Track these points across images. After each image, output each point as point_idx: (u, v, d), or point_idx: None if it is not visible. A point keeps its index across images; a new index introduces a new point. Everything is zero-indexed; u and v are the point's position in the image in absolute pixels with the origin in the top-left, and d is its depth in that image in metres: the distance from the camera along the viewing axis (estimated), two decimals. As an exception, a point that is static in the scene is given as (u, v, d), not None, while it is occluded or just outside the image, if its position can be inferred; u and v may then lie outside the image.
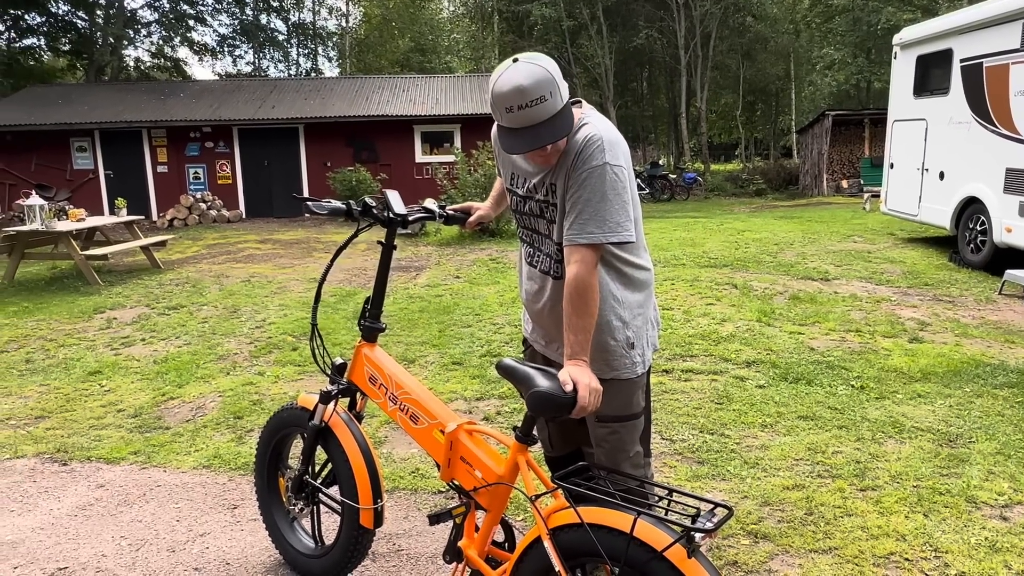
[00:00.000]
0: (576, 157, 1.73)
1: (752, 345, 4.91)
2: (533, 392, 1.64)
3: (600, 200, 1.71)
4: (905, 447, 3.31)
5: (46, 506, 2.99)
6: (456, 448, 1.90)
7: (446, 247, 10.41)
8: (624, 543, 1.46)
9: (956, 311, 5.82)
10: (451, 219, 2.26)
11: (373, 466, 2.15)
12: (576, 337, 1.71)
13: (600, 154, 1.72)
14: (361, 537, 2.19)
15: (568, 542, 1.58)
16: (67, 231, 8.08)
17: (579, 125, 1.80)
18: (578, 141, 1.76)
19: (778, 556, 2.48)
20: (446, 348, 5.10)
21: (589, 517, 1.54)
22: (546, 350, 2.10)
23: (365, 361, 2.19)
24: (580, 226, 1.72)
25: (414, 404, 2.03)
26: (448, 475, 1.93)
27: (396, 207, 2.11)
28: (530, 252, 2.03)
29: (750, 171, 23.71)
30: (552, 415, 1.70)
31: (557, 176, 1.82)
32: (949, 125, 8.13)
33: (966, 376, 4.22)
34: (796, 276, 7.26)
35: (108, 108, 16.75)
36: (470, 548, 1.87)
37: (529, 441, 1.73)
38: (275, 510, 2.46)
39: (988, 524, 2.65)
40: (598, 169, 1.71)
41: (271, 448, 2.44)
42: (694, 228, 11.48)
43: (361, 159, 16.22)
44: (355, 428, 2.21)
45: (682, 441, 3.43)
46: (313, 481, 2.33)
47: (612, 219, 1.72)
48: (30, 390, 4.54)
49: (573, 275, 1.71)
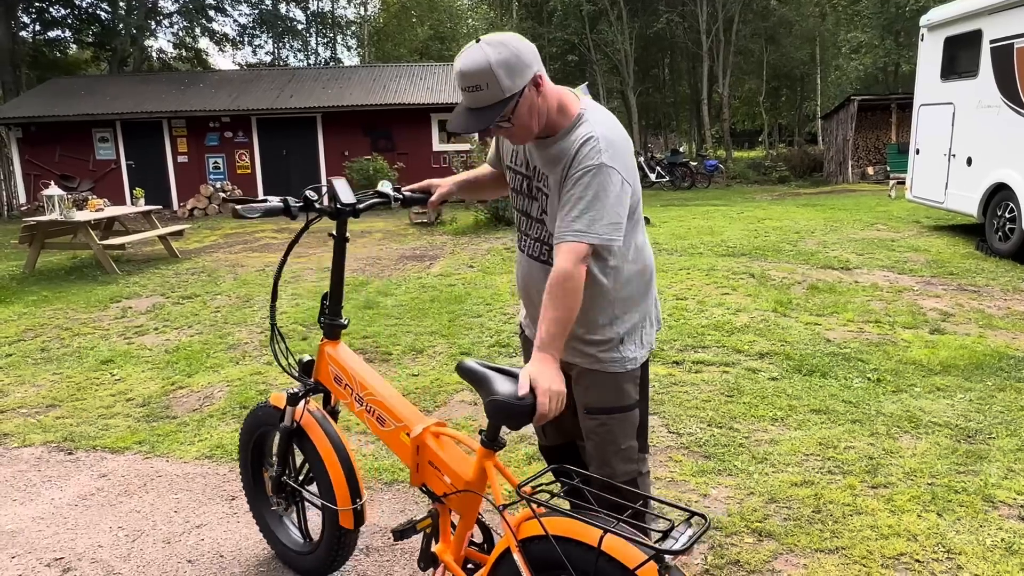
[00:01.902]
0: (574, 154, 1.71)
1: (766, 336, 4.79)
2: (490, 400, 1.57)
3: (592, 200, 1.67)
4: (921, 443, 3.19)
5: (48, 495, 3.00)
6: (423, 452, 1.83)
7: (461, 236, 10.37)
8: (593, 558, 1.39)
9: (981, 301, 5.64)
10: (409, 201, 2.11)
11: (349, 465, 2.08)
12: (549, 329, 1.65)
13: (597, 154, 1.69)
14: (344, 537, 2.15)
15: (538, 553, 1.50)
16: (86, 221, 8.17)
17: (577, 122, 1.76)
18: (576, 139, 1.73)
19: (782, 555, 2.41)
20: (455, 338, 5.06)
21: (556, 529, 1.46)
22: (531, 331, 2.04)
23: (329, 360, 2.11)
24: (569, 224, 1.68)
25: (380, 405, 1.96)
26: (418, 479, 1.86)
27: (343, 196, 1.99)
28: (520, 236, 1.98)
29: (773, 158, 23.28)
30: (512, 425, 1.62)
31: (550, 167, 1.79)
32: (977, 109, 7.87)
33: (988, 369, 4.08)
34: (816, 265, 7.10)
35: (129, 99, 16.93)
36: (446, 553, 1.81)
37: (495, 447, 1.66)
38: (263, 506, 2.43)
39: (1005, 525, 2.54)
40: (593, 169, 1.68)
41: (252, 446, 2.40)
42: (713, 216, 11.30)
43: (378, 148, 16.22)
44: (329, 427, 2.14)
45: (689, 435, 3.35)
46: (291, 482, 2.27)
47: (603, 220, 1.67)
48: (43, 379, 4.58)
49: (558, 268, 1.67)
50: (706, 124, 26.08)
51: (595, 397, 1.93)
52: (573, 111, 1.78)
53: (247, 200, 1.91)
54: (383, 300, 6.31)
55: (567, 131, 1.76)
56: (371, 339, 5.11)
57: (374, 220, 13.06)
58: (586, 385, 1.93)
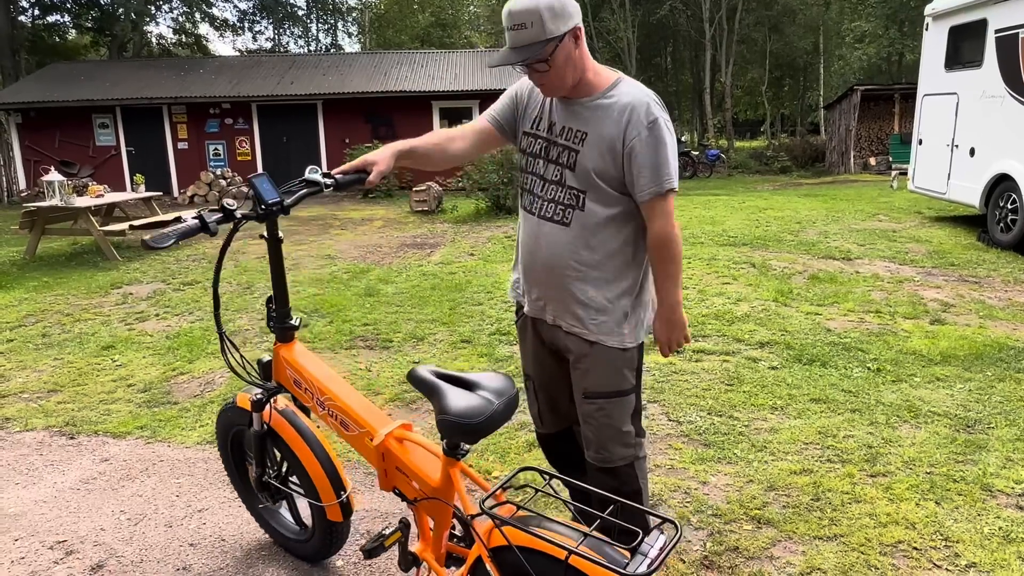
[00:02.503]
0: (632, 113, 1.80)
1: (767, 325, 4.80)
2: (441, 419, 1.54)
3: (664, 150, 1.82)
4: (920, 432, 3.20)
5: (50, 479, 3.02)
6: (388, 458, 1.79)
7: (462, 224, 10.35)
8: (561, 570, 1.36)
9: (982, 292, 5.64)
10: (341, 185, 1.90)
11: (327, 460, 2.04)
12: (665, 284, 1.88)
13: (653, 110, 1.82)
14: (334, 527, 2.14)
15: (511, 563, 1.48)
16: (86, 207, 8.15)
17: (618, 83, 1.88)
18: (628, 98, 1.83)
19: (781, 542, 2.42)
20: (456, 326, 5.06)
21: (525, 541, 1.43)
22: (541, 314, 2.01)
23: (285, 364, 2.04)
24: (654, 177, 1.81)
25: (341, 410, 1.91)
26: (388, 484, 1.83)
27: (267, 196, 1.84)
28: (531, 199, 1.98)
29: (775, 148, 23.21)
30: (468, 440, 1.59)
31: (592, 125, 1.85)
32: (981, 99, 7.83)
33: (988, 359, 4.08)
34: (817, 255, 7.09)
35: (129, 85, 16.87)
36: (426, 552, 1.79)
37: (457, 455, 1.63)
38: (254, 500, 2.40)
39: (1003, 513, 2.55)
40: (652, 124, 1.80)
41: (229, 445, 2.36)
42: (715, 206, 11.28)
43: (379, 135, 16.16)
44: (300, 424, 2.08)
45: (689, 423, 3.36)
46: (273, 481, 2.23)
47: (673, 167, 1.83)
48: (44, 364, 4.59)
49: (659, 228, 1.83)
50: (708, 113, 25.98)
51: (593, 381, 1.94)
52: (610, 74, 1.90)
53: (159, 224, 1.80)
54: (384, 288, 6.31)
55: (609, 91, 1.85)
56: (372, 326, 5.12)
57: (375, 208, 13.05)
58: (585, 368, 1.94)
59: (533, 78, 1.85)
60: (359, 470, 3.00)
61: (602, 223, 1.88)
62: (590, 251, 1.88)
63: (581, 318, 1.92)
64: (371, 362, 4.40)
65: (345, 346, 4.72)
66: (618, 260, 1.91)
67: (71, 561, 2.42)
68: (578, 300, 1.91)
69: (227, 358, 2.03)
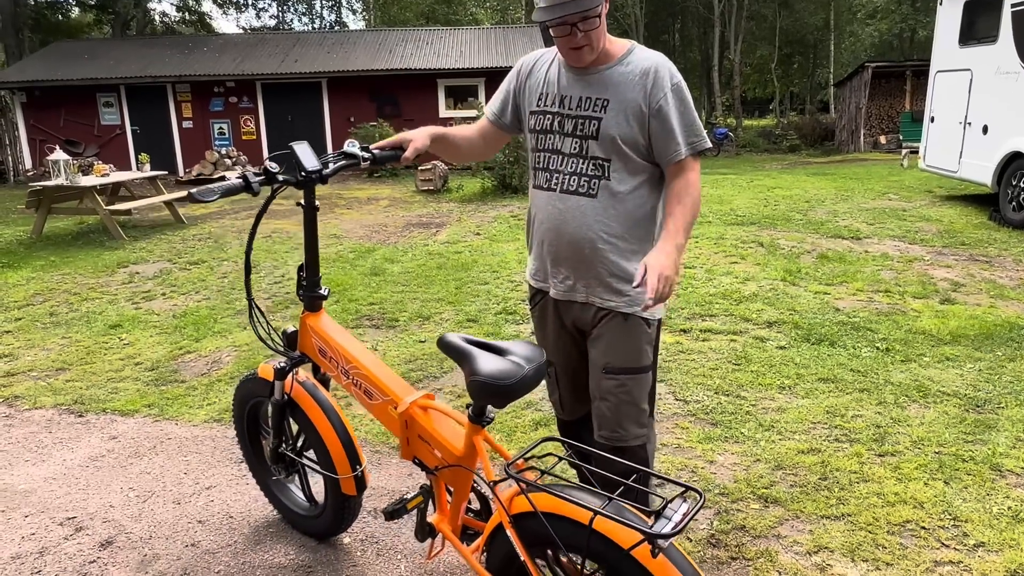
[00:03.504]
0: (654, 78, 1.81)
1: (775, 305, 4.77)
2: (472, 380, 1.53)
3: (689, 112, 1.83)
4: (929, 412, 3.18)
5: (59, 456, 3.03)
6: (412, 426, 1.80)
7: (468, 203, 10.30)
8: (585, 535, 1.37)
9: (993, 271, 5.58)
10: (378, 160, 1.95)
11: (345, 433, 2.05)
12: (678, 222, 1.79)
13: (673, 74, 1.84)
14: (347, 502, 2.15)
15: (531, 529, 1.49)
16: (91, 186, 8.14)
17: (630, 49, 1.88)
18: (646, 63, 1.83)
19: (788, 521, 2.41)
20: (462, 305, 5.05)
21: (548, 506, 1.44)
22: (571, 295, 1.95)
23: (311, 333, 2.06)
24: (687, 135, 1.82)
25: (365, 379, 1.91)
26: (409, 453, 1.84)
27: (307, 163, 1.86)
28: (549, 176, 1.92)
29: (784, 127, 22.96)
30: (497, 403, 1.58)
31: (613, 91, 1.83)
32: (996, 75, 7.69)
33: (999, 339, 4.05)
34: (826, 234, 7.03)
35: (133, 63, 16.77)
36: (443, 523, 1.80)
37: (482, 422, 1.63)
38: (265, 474, 2.42)
39: (1013, 493, 2.54)
40: (676, 86, 1.82)
41: (246, 417, 2.37)
42: (722, 185, 11.19)
43: (384, 114, 16.06)
44: (321, 396, 2.09)
45: (696, 402, 3.35)
46: (289, 452, 2.25)
47: (700, 127, 1.84)
48: (52, 343, 4.61)
49: (689, 180, 1.82)
50: (716, 91, 25.68)
51: (615, 356, 1.90)
52: (624, 44, 1.89)
53: (205, 181, 1.83)
54: (390, 267, 6.30)
55: (625, 58, 1.85)
56: (378, 305, 5.11)
57: (380, 187, 13.00)
58: (607, 344, 1.91)
59: (568, 43, 1.78)
60: (365, 448, 3.00)
61: (629, 192, 1.86)
62: (618, 221, 1.86)
63: (618, 290, 1.88)
64: (377, 341, 4.39)
65: (351, 325, 4.72)
66: (643, 230, 1.89)
67: (80, 537, 2.43)
68: (612, 272, 1.88)
69: (255, 325, 2.08)
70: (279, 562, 2.27)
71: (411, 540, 2.37)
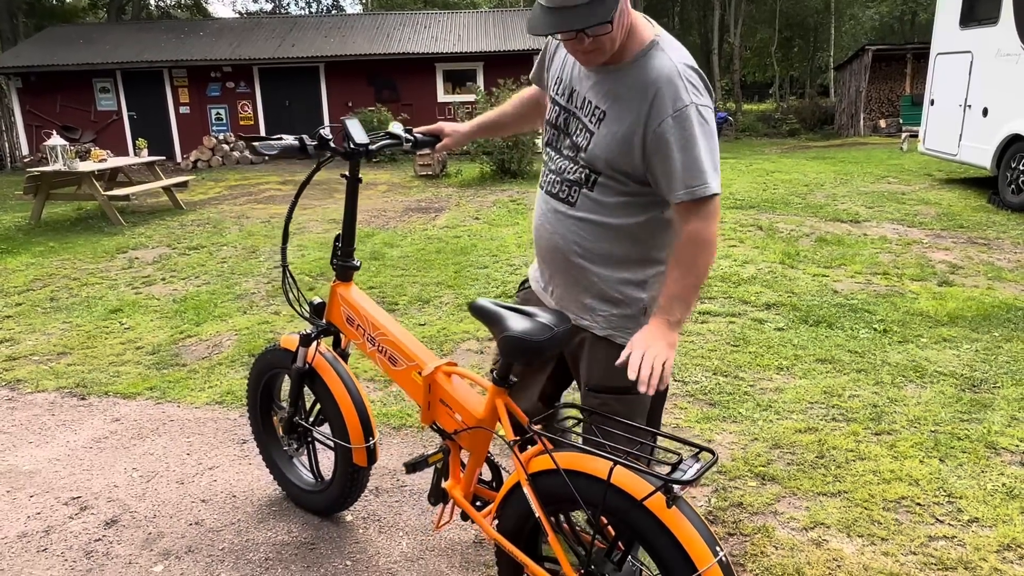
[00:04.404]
0: (653, 96, 1.46)
1: (773, 287, 4.78)
2: (504, 336, 1.55)
3: (692, 147, 1.46)
4: (926, 391, 3.21)
5: (63, 438, 3.06)
6: (434, 391, 1.84)
7: (467, 188, 10.29)
8: (602, 490, 1.41)
9: (991, 254, 5.59)
10: (419, 143, 2.07)
11: (362, 404, 2.12)
12: (673, 292, 1.51)
13: (685, 93, 1.46)
14: (356, 474, 2.19)
15: (547, 488, 1.53)
16: (89, 171, 8.12)
17: (650, 49, 1.50)
18: (657, 73, 1.47)
19: (785, 498, 2.44)
20: (461, 289, 5.07)
21: (567, 463, 1.48)
22: (541, 294, 1.83)
23: (341, 301, 2.12)
24: (684, 180, 1.48)
25: (392, 345, 1.97)
26: (429, 417, 1.88)
27: (357, 136, 1.94)
28: (543, 171, 1.77)
29: (784, 111, 22.87)
30: (525, 361, 1.61)
31: (611, 101, 1.54)
32: (996, 57, 7.66)
33: (996, 320, 4.07)
34: (825, 218, 7.03)
35: (129, 48, 16.66)
36: (455, 489, 1.85)
37: (507, 384, 1.66)
38: (272, 448, 2.46)
39: (1007, 470, 2.57)
40: (680, 113, 1.45)
41: (260, 389, 2.42)
42: (722, 169, 11.09)
43: (382, 98, 15.98)
44: (340, 368, 2.16)
45: (695, 383, 3.37)
46: (303, 422, 2.31)
47: (708, 166, 1.48)
48: (53, 327, 4.62)
49: (690, 229, 1.50)
50: (716, 75, 25.56)
51: (600, 374, 1.69)
52: (646, 35, 1.52)
53: (263, 138, 1.88)
54: (389, 251, 6.30)
55: (638, 60, 1.51)
56: (377, 289, 5.12)
57: (379, 172, 12.97)
58: (592, 359, 1.71)
59: (576, 47, 1.48)
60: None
61: (613, 206, 1.60)
62: (595, 236, 1.61)
63: (590, 309, 1.68)
64: (377, 324, 4.41)
65: (351, 309, 4.73)
66: (631, 250, 1.64)
67: (86, 516, 2.46)
68: (587, 290, 1.67)
69: (287, 292, 2.18)
70: (282, 539, 2.30)
71: (413, 517, 2.40)
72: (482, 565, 2.15)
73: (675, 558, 1.35)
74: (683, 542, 1.34)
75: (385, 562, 2.19)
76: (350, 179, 2.03)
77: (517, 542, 1.63)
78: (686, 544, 1.34)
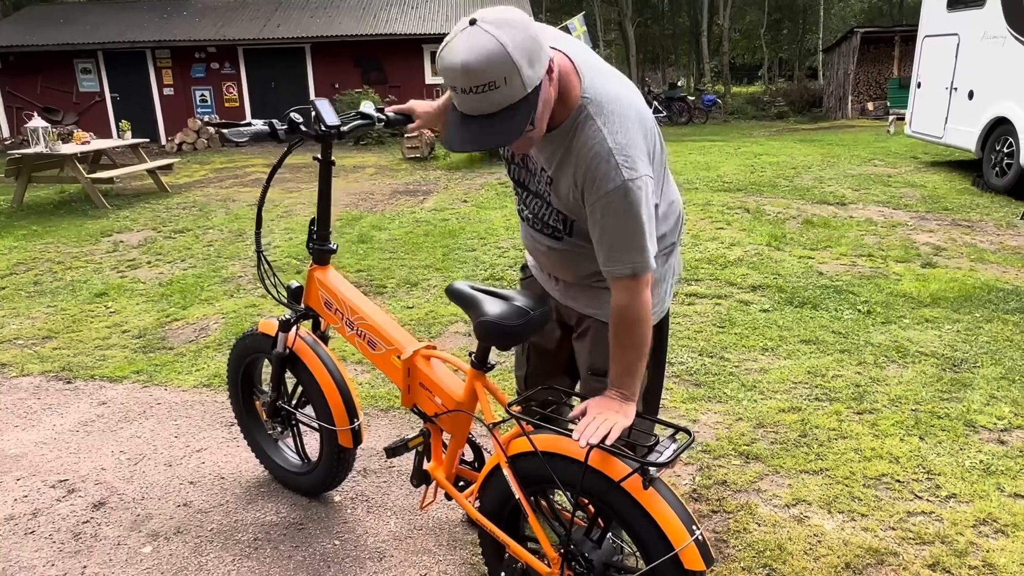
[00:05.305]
0: (585, 172, 1.42)
1: (759, 269, 4.82)
2: (480, 321, 1.57)
3: (627, 227, 1.42)
4: (907, 371, 3.26)
5: (49, 422, 3.05)
6: (414, 374, 1.85)
7: (455, 171, 10.24)
8: (580, 471, 1.42)
9: (974, 236, 5.65)
10: (391, 122, 2.04)
11: (345, 386, 2.12)
12: (620, 370, 1.48)
13: (615, 172, 1.39)
14: (342, 455, 2.20)
15: (527, 469, 1.55)
16: (72, 154, 8.01)
17: (578, 117, 1.42)
18: (584, 148, 1.41)
19: (768, 476, 2.48)
20: (449, 271, 5.06)
21: (544, 445, 1.49)
22: (546, 281, 1.82)
23: (319, 285, 2.10)
24: (616, 256, 1.44)
25: (370, 329, 1.96)
26: (409, 401, 1.89)
27: (328, 118, 1.91)
28: (520, 206, 1.71)
29: (772, 93, 22.88)
30: (501, 345, 1.62)
31: (557, 171, 1.50)
32: (983, 40, 7.69)
33: (977, 301, 4.12)
34: (811, 200, 7.07)
35: (110, 27, 16.37)
36: (437, 470, 1.86)
37: (485, 368, 1.68)
38: (257, 432, 2.46)
39: (984, 448, 2.62)
40: (616, 192, 1.39)
41: (241, 374, 2.41)
42: (710, 152, 11.17)
43: (369, 80, 15.82)
44: (321, 351, 2.16)
45: (680, 364, 3.40)
46: (286, 406, 2.31)
47: (637, 247, 1.44)
48: (37, 311, 4.58)
49: (618, 305, 1.46)
50: (705, 58, 25.50)
51: (598, 357, 1.69)
52: (574, 100, 1.43)
53: (233, 124, 1.87)
54: (377, 234, 6.28)
55: (568, 131, 1.45)
56: (365, 272, 5.11)
57: (366, 155, 12.87)
58: (591, 344, 1.73)
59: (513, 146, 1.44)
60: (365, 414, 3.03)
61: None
62: (592, 259, 1.53)
63: (598, 299, 1.66)
64: (365, 307, 4.40)
65: (339, 292, 4.72)
66: None
67: (73, 499, 2.46)
68: (590, 287, 1.67)
69: (261, 274, 2.16)
70: (270, 520, 2.32)
71: (400, 497, 2.42)
72: (469, 544, 2.17)
73: (652, 537, 1.37)
74: (660, 522, 1.36)
75: (373, 541, 2.21)
76: (323, 162, 2.01)
77: (498, 522, 1.65)
78: (663, 523, 1.36)
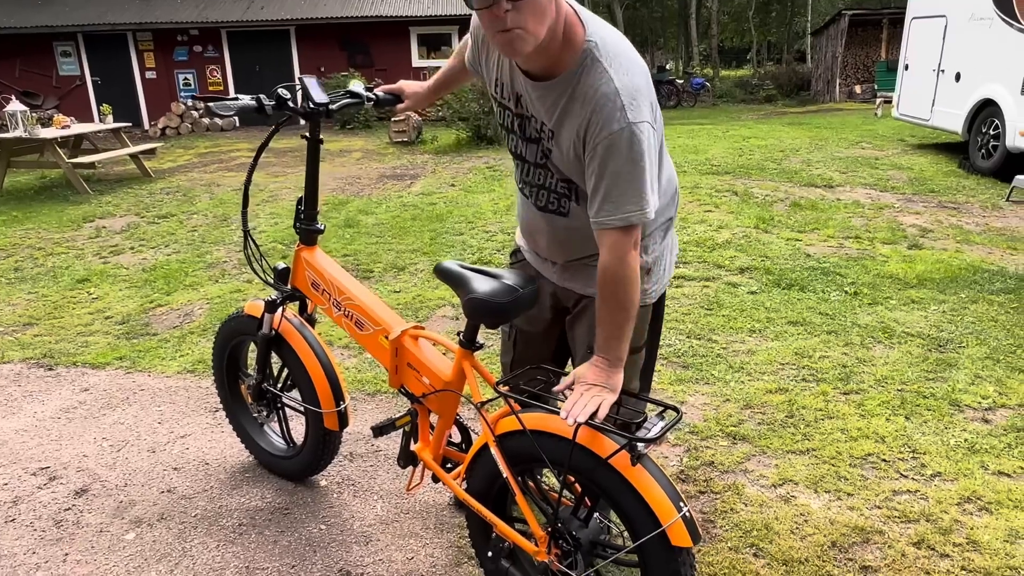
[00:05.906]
0: (590, 115, 1.39)
1: (747, 252, 4.81)
2: (468, 298, 1.56)
3: (628, 173, 1.39)
4: (893, 352, 3.27)
5: (30, 409, 3.00)
6: (402, 354, 1.83)
7: (443, 155, 10.16)
8: (568, 449, 1.42)
9: (960, 218, 5.68)
10: (380, 102, 2.01)
11: (331, 369, 2.10)
12: (607, 333, 1.46)
13: (620, 113, 1.37)
14: (328, 438, 2.18)
15: (514, 448, 1.54)
16: (52, 138, 7.87)
17: (583, 62, 1.40)
18: (589, 92, 1.39)
19: (755, 457, 2.49)
20: (437, 255, 5.03)
21: (532, 424, 1.49)
22: (540, 265, 1.79)
23: (305, 266, 2.08)
24: (609, 206, 1.41)
25: (358, 310, 1.95)
26: (397, 381, 1.88)
27: (316, 96, 1.89)
28: (519, 181, 1.68)
29: (761, 77, 22.83)
30: (490, 323, 1.61)
31: (558, 124, 1.47)
32: (970, 22, 7.69)
33: (963, 282, 4.14)
34: (799, 183, 7.07)
35: (90, 9, 16.03)
36: (424, 451, 1.85)
37: (473, 347, 1.67)
38: (242, 416, 2.44)
39: (969, 427, 2.63)
40: (620, 134, 1.37)
41: (226, 357, 2.39)
42: (698, 135, 11.15)
43: (355, 64, 15.63)
44: (308, 333, 2.14)
45: (668, 346, 3.40)
46: (272, 388, 2.29)
47: (636, 196, 1.41)
48: (18, 298, 4.51)
49: (605, 265, 1.43)
50: (693, 41, 25.39)
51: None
52: (578, 43, 1.41)
53: (219, 97, 1.82)
54: (364, 219, 6.23)
55: (573, 76, 1.42)
56: (352, 257, 5.07)
57: (353, 139, 12.75)
58: (590, 323, 1.66)
59: (493, 23, 1.33)
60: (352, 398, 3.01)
61: None
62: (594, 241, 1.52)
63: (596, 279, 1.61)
64: (352, 292, 4.37)
65: (325, 276, 4.68)
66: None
67: (55, 486, 2.43)
68: (589, 266, 1.63)
69: (249, 258, 2.13)
70: (256, 505, 2.30)
71: (387, 481, 2.41)
72: (456, 526, 2.16)
73: (640, 514, 1.37)
74: (647, 498, 1.36)
75: (360, 525, 2.19)
76: (311, 140, 1.98)
77: (486, 502, 1.64)
78: (650, 500, 1.35)
